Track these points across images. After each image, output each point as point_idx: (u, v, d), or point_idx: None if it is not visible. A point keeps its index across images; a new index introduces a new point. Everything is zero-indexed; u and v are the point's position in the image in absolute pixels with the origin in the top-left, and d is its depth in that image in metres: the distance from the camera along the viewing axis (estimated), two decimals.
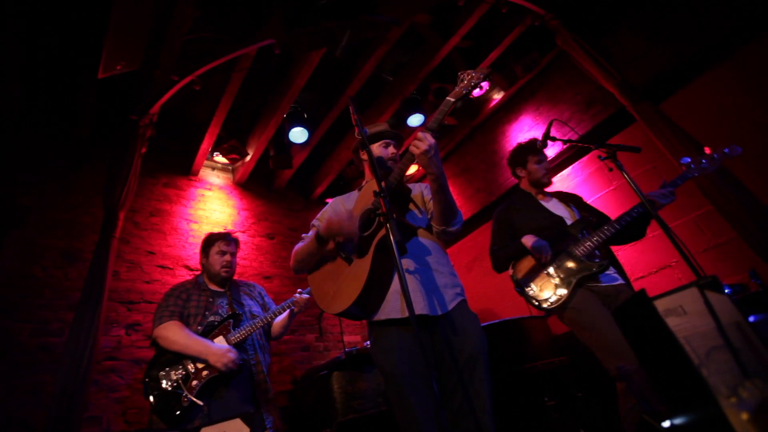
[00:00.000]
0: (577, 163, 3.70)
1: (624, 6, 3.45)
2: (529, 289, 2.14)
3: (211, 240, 2.52)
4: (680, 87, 3.02)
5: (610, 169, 1.78)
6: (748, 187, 2.50)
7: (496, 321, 2.96)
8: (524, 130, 4.24)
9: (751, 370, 0.62)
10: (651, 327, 0.67)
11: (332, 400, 2.79)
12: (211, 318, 2.27)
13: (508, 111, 4.45)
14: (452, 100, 1.59)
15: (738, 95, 2.80)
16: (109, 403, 2.80)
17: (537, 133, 4.04)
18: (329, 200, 2.08)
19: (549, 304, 2.07)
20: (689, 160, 2.03)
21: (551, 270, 2.10)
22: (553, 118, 2.26)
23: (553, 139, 2.09)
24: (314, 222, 1.97)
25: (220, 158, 4.46)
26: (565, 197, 2.41)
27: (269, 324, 2.47)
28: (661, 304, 0.71)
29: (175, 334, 2.14)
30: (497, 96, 4.40)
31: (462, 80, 1.60)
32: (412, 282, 1.54)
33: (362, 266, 1.60)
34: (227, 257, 2.45)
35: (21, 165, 3.23)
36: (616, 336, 1.85)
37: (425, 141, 1.51)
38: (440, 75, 4.00)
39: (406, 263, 1.59)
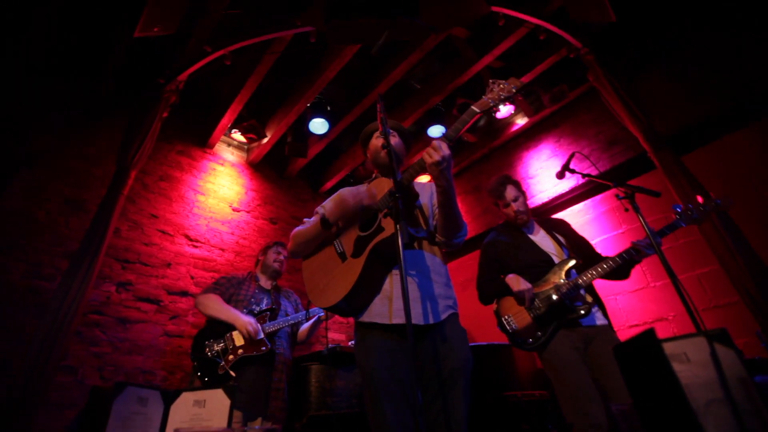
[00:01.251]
0: (590, 199, 3.69)
1: (661, 53, 3.45)
2: (509, 326, 2.14)
3: (269, 246, 3.13)
4: (704, 143, 3.01)
5: (626, 210, 1.77)
6: (760, 255, 2.48)
7: (485, 343, 2.94)
8: (542, 158, 4.24)
9: (749, 429, 0.60)
10: (653, 368, 0.66)
11: (308, 393, 2.77)
12: (254, 307, 2.72)
13: (529, 138, 4.45)
14: (477, 110, 1.51)
15: (762, 161, 2.78)
16: (88, 356, 2.78)
17: (555, 164, 4.04)
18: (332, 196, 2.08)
19: (528, 344, 2.09)
20: (681, 208, 2.01)
21: (533, 312, 2.09)
22: (574, 151, 2.23)
23: (572, 171, 2.08)
24: (318, 209, 1.95)
25: (237, 136, 4.48)
26: (551, 226, 2.39)
27: (297, 326, 2.89)
28: (665, 348, 0.69)
29: (211, 301, 2.62)
30: (520, 121, 4.40)
31: (491, 89, 1.53)
32: (409, 289, 1.52)
33: (354, 266, 1.58)
34: (281, 256, 3.03)
35: (43, 107, 3.25)
36: (580, 381, 1.85)
37: (440, 151, 1.45)
38: (468, 91, 4.01)
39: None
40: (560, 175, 2.19)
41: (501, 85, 1.51)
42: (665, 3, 3.40)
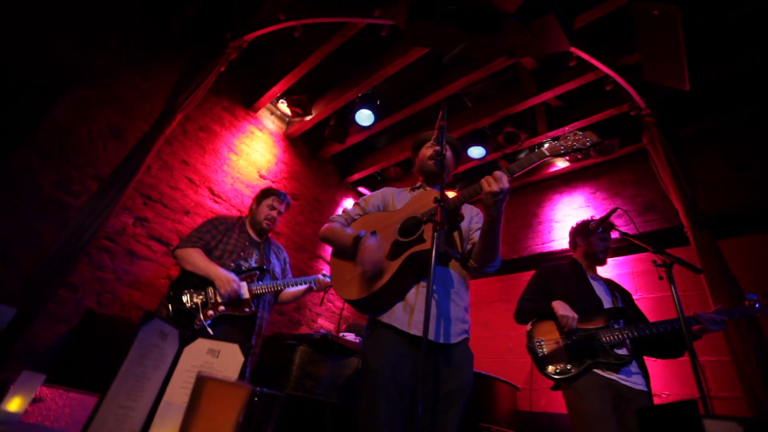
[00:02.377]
0: (622, 258, 3.63)
1: (722, 134, 3.40)
2: (540, 350, 2.09)
3: (267, 193, 2.72)
4: (745, 233, 2.95)
5: (661, 278, 1.74)
6: None
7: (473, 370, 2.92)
8: (573, 206, 4.20)
9: None
10: None
11: (289, 371, 2.77)
12: (242, 262, 2.47)
13: (565, 182, 4.42)
14: (547, 154, 1.50)
15: None
16: (91, 279, 2.83)
17: (585, 213, 3.99)
18: (361, 189, 2.06)
19: (553, 372, 2.02)
20: (756, 297, 1.93)
21: (569, 343, 2.04)
22: (617, 207, 2.20)
23: (612, 226, 2.05)
24: (360, 202, 1.95)
25: (283, 106, 4.53)
26: (614, 286, 2.33)
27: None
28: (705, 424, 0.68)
29: (193, 257, 2.35)
30: (561, 164, 4.37)
31: (566, 137, 1.51)
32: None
33: (387, 269, 1.57)
34: (274, 213, 2.65)
35: (111, 31, 3.32)
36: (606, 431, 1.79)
37: (500, 183, 1.44)
38: (518, 121, 3.99)
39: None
40: (596, 228, 2.16)
41: (578, 136, 1.49)
42: (736, 86, 3.35)
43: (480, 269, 1.63)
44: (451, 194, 1.78)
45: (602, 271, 3.65)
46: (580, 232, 2.41)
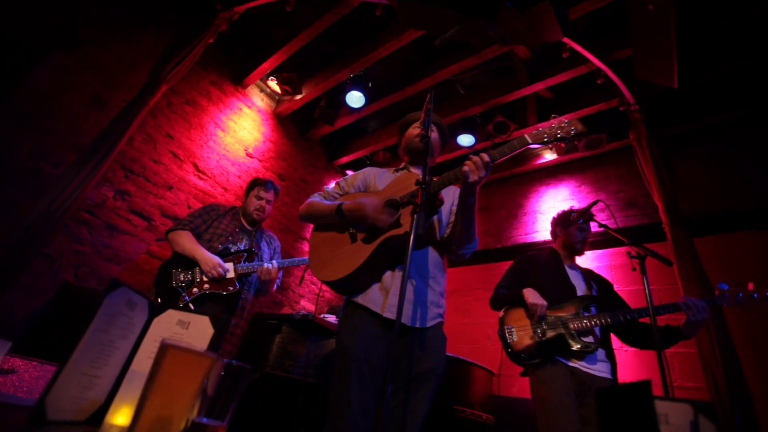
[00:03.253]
0: (601, 251, 3.70)
1: (707, 136, 3.45)
2: (510, 336, 2.13)
3: (254, 183, 2.80)
4: (719, 231, 3.03)
5: (634, 269, 1.78)
6: (736, 349, 2.51)
7: (449, 354, 2.97)
8: (558, 198, 4.24)
9: None
10: (638, 421, 0.67)
11: (269, 351, 2.79)
12: (230, 245, 2.56)
13: (552, 174, 4.45)
14: (529, 141, 1.47)
15: (763, 265, 2.80)
16: (69, 252, 2.78)
17: (569, 206, 4.04)
18: (349, 171, 2.04)
19: (521, 358, 2.07)
20: (726, 287, 1.97)
21: (539, 329, 2.07)
22: (598, 199, 2.23)
23: (592, 218, 2.08)
24: (340, 182, 1.93)
25: (272, 84, 4.44)
26: (591, 275, 2.36)
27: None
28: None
29: (182, 239, 2.46)
30: (549, 156, 4.40)
31: (551, 126, 1.47)
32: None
33: (362, 251, 1.57)
34: (262, 202, 2.72)
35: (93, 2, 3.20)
36: (565, 420, 1.84)
37: (480, 171, 1.45)
38: (508, 111, 3.99)
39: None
40: (577, 219, 2.19)
41: (563, 124, 1.45)
42: (721, 90, 3.39)
43: (458, 251, 1.65)
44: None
45: (582, 262, 3.74)
46: (560, 222, 2.44)
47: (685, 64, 2.87)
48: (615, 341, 2.13)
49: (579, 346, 1.96)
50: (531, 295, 2.10)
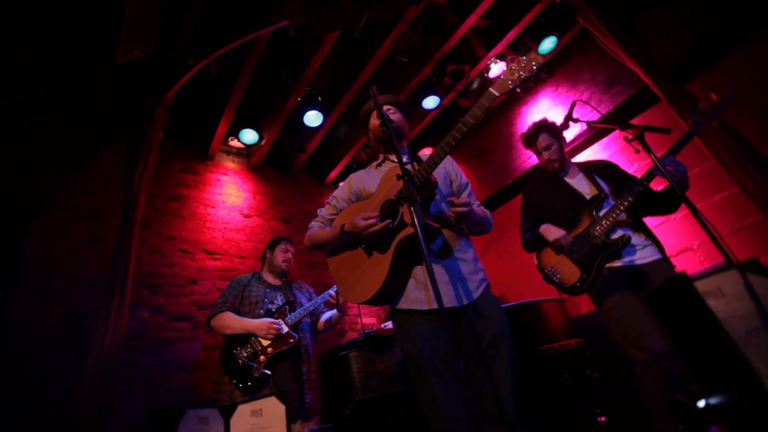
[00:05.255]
0: (597, 143, 3.63)
1: None
2: (555, 276, 2.14)
3: (277, 240, 3.06)
4: (707, 67, 2.91)
5: (637, 151, 1.74)
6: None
7: (512, 304, 2.97)
8: (542, 110, 4.16)
9: None
10: (689, 309, 0.67)
11: (351, 380, 2.85)
12: (269, 306, 2.72)
13: (525, 91, 4.36)
14: (496, 93, 1.44)
15: (764, 73, 2.69)
16: (137, 381, 2.89)
17: (557, 112, 3.96)
18: (342, 184, 2.04)
19: (577, 289, 2.06)
20: (694, 112, 1.93)
21: (574, 256, 2.07)
22: (575, 99, 2.19)
23: (576, 120, 2.04)
24: (332, 201, 1.94)
25: (235, 142, 4.48)
26: (592, 169, 2.33)
27: (317, 317, 2.95)
28: (699, 286, 0.70)
29: (227, 321, 2.61)
30: None
31: (510, 69, 1.42)
32: (438, 273, 1.54)
33: (383, 262, 1.57)
34: (289, 254, 2.98)
35: (43, 149, 3.29)
36: (634, 319, 1.85)
37: (463, 205, 1.53)
38: (457, 56, 3.92)
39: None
40: (564, 127, 2.16)
41: (522, 63, 1.40)
42: None
43: (477, 235, 1.74)
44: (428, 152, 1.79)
45: (586, 158, 3.67)
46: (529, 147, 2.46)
47: None
48: (651, 221, 2.12)
49: (614, 246, 1.95)
50: (549, 233, 2.12)
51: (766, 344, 0.68)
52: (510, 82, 1.42)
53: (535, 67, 1.38)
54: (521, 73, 1.39)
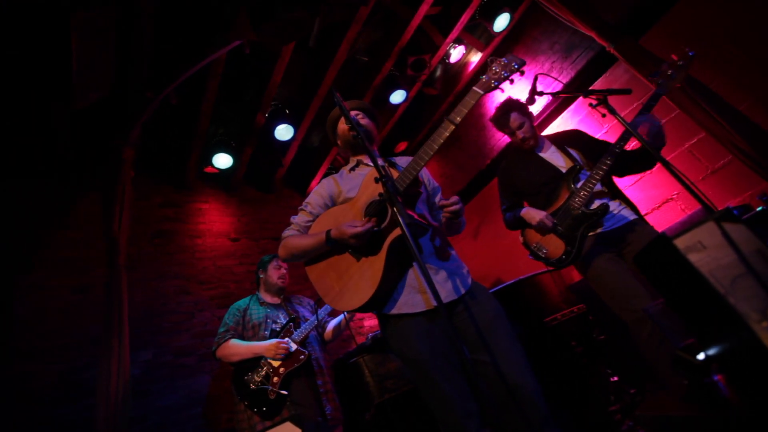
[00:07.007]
0: (565, 111, 3.67)
1: None
2: (541, 252, 2.18)
3: (267, 259, 3.02)
4: (657, 18, 2.97)
5: (603, 115, 1.77)
6: (738, 108, 2.50)
7: (511, 282, 3.00)
8: (507, 87, 4.18)
9: None
10: (674, 267, 0.69)
11: (366, 384, 2.85)
12: (273, 326, 2.70)
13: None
14: (480, 92, 1.52)
15: (716, 17, 2.75)
16: (151, 424, 2.86)
17: (523, 86, 4.00)
18: (314, 190, 1.98)
19: (563, 261, 2.11)
20: (657, 74, 1.98)
21: (557, 231, 2.12)
22: (537, 73, 2.22)
23: (541, 94, 2.07)
24: (306, 208, 1.86)
25: (210, 168, 4.41)
26: (563, 140, 2.37)
27: (323, 328, 2.94)
28: (680, 243, 0.72)
29: (233, 348, 2.58)
30: (475, 58, 4.33)
31: (491, 69, 1.53)
32: (433, 270, 1.56)
33: (375, 266, 1.54)
34: (282, 270, 2.95)
35: (20, 212, 3.20)
36: (619, 281, 1.91)
37: (455, 205, 1.56)
38: (416, 46, 3.93)
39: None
40: (530, 101, 2.19)
41: (502, 63, 1.52)
42: None
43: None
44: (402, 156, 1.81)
45: (556, 128, 3.72)
46: (500, 130, 2.48)
47: None
48: (621, 182, 2.17)
49: (594, 216, 2.01)
50: (531, 218, 2.17)
51: (751, 288, 0.70)
52: (493, 82, 1.53)
53: (516, 66, 1.51)
54: (503, 72, 1.52)
